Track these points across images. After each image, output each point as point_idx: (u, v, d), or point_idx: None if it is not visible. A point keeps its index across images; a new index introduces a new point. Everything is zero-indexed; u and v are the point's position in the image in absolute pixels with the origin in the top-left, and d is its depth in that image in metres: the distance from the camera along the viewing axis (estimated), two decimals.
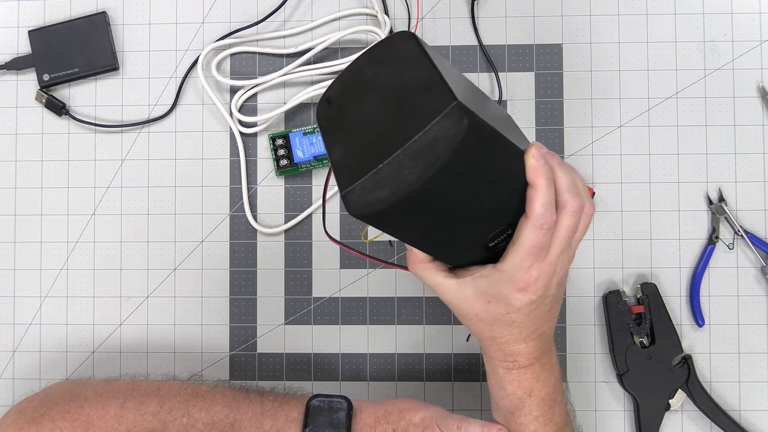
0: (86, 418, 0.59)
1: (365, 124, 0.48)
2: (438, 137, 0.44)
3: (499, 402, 0.57)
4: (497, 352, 0.55)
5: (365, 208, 0.46)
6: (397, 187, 0.45)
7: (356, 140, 0.48)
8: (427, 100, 0.45)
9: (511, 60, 0.73)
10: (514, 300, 0.51)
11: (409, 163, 0.45)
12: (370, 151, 0.46)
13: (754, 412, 0.71)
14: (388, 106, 0.47)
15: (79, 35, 0.73)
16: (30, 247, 0.74)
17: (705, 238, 0.72)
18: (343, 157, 0.48)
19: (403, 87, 0.47)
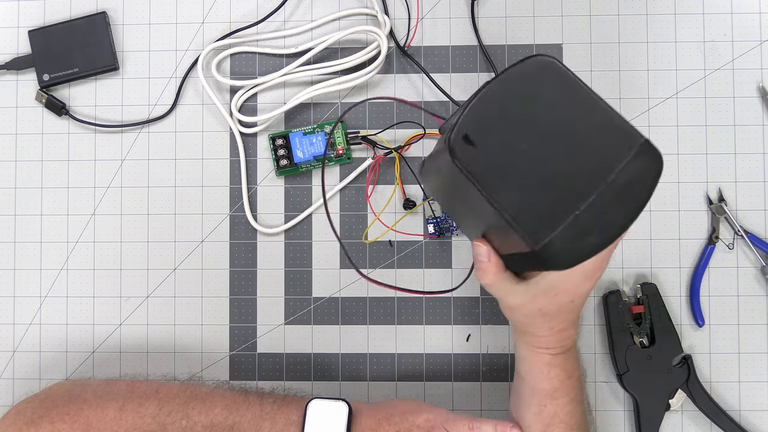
0: (85, 420, 0.59)
1: (534, 166, 0.45)
2: (636, 175, 0.44)
3: (538, 385, 0.59)
4: (550, 340, 0.58)
5: (570, 259, 0.45)
6: (607, 231, 0.45)
7: (529, 186, 0.45)
8: (607, 136, 0.44)
9: (511, 60, 0.73)
10: (581, 288, 0.54)
11: (613, 206, 0.44)
12: (556, 197, 0.44)
13: (754, 412, 0.71)
14: (555, 145, 0.45)
15: (79, 35, 0.73)
16: (30, 247, 0.74)
17: (705, 238, 0.72)
18: (519, 208, 0.45)
19: (567, 122, 0.45)
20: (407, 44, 0.72)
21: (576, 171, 0.44)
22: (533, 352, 0.59)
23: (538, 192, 0.45)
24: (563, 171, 0.45)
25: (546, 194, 0.45)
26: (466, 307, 0.72)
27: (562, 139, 0.45)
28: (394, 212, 0.73)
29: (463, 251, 0.72)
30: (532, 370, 0.59)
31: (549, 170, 0.45)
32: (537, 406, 0.59)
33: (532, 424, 0.60)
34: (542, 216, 0.44)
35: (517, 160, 0.45)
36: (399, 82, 0.73)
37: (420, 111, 0.73)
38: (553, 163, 0.45)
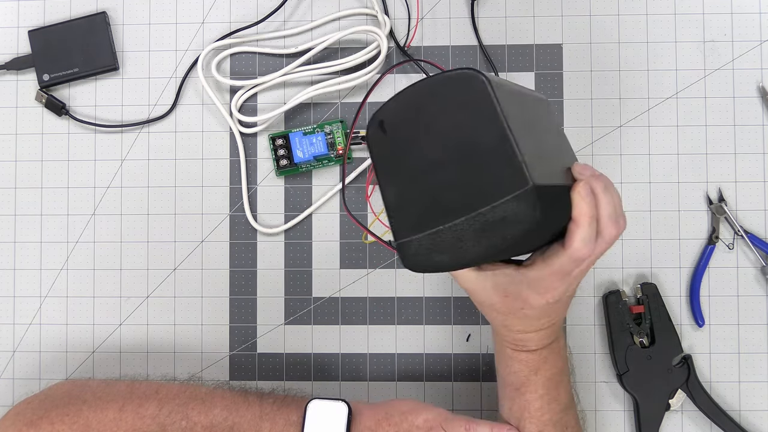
0: (85, 421, 0.59)
1: (425, 170, 0.47)
2: (508, 218, 0.44)
3: (506, 378, 0.60)
4: (508, 337, 0.58)
5: (420, 266, 0.47)
6: (458, 257, 0.46)
7: (415, 186, 0.47)
8: (498, 168, 0.44)
9: (511, 60, 0.73)
10: (532, 300, 0.53)
11: (473, 236, 0.45)
12: (431, 205, 0.46)
13: (754, 412, 0.71)
14: (451, 157, 0.46)
15: (79, 35, 0.73)
16: (30, 247, 0.74)
17: (705, 238, 0.72)
18: (398, 201, 0.47)
19: (470, 141, 0.46)
20: (407, 44, 0.72)
21: (458, 190, 0.45)
22: (500, 345, 0.60)
23: (419, 195, 0.47)
24: (447, 186, 0.46)
25: (424, 200, 0.46)
26: (466, 307, 0.72)
27: (459, 156, 0.46)
28: None
29: None
30: (499, 360, 0.61)
31: (436, 180, 0.46)
32: (508, 399, 0.60)
33: (508, 418, 0.61)
34: (411, 217, 0.47)
35: (413, 161, 0.47)
36: (399, 82, 0.73)
37: None
38: (442, 175, 0.46)
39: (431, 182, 0.47)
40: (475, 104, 0.46)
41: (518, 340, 0.57)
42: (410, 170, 0.47)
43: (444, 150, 0.47)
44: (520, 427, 0.60)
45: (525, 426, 0.59)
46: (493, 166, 0.45)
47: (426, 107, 0.48)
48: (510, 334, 0.57)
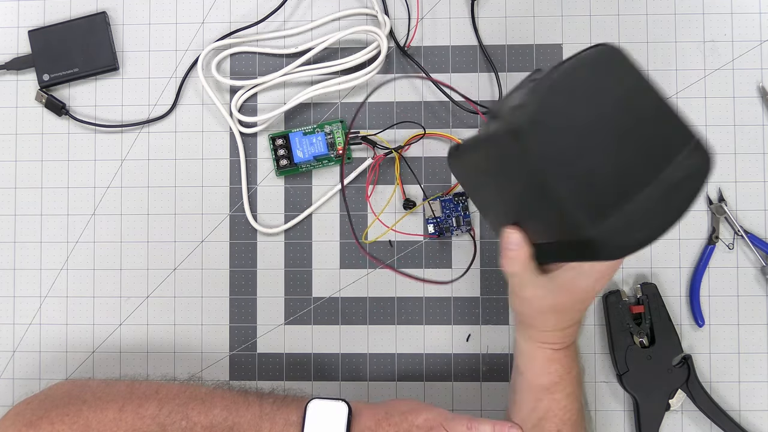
0: (85, 422, 0.59)
1: (592, 154, 0.45)
2: (687, 174, 0.45)
3: (536, 380, 0.59)
4: (554, 336, 0.58)
5: (624, 249, 0.45)
6: (656, 225, 0.45)
7: (586, 174, 0.45)
8: (663, 130, 0.45)
9: (511, 60, 0.73)
10: (594, 288, 0.55)
11: (661, 203, 0.45)
12: (609, 187, 0.45)
13: (754, 412, 0.71)
14: (613, 134, 0.45)
15: (79, 35, 0.73)
16: (30, 247, 0.74)
17: (705, 238, 0.72)
18: (576, 192, 0.45)
19: (628, 112, 0.46)
20: (407, 44, 0.72)
21: (631, 164, 0.45)
22: (535, 347, 0.59)
23: (595, 181, 0.45)
24: (619, 162, 0.45)
25: (602, 184, 0.45)
26: (466, 307, 0.72)
27: (622, 131, 0.46)
28: (394, 212, 0.73)
29: (463, 251, 0.72)
30: (532, 365, 0.60)
31: (606, 160, 0.45)
32: (533, 400, 0.60)
33: (527, 418, 0.60)
34: (596, 205, 0.45)
35: (577, 148, 0.45)
36: (399, 82, 0.73)
37: (420, 110, 0.73)
38: (611, 154, 0.45)
39: (603, 165, 0.45)
40: (623, 78, 0.46)
41: (563, 336, 0.58)
42: (577, 160, 0.45)
43: (605, 131, 0.46)
44: (539, 427, 0.60)
45: (544, 426, 0.59)
46: (657, 131, 0.45)
47: (574, 92, 0.46)
48: (556, 334, 0.58)
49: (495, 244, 0.72)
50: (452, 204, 0.72)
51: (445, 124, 0.73)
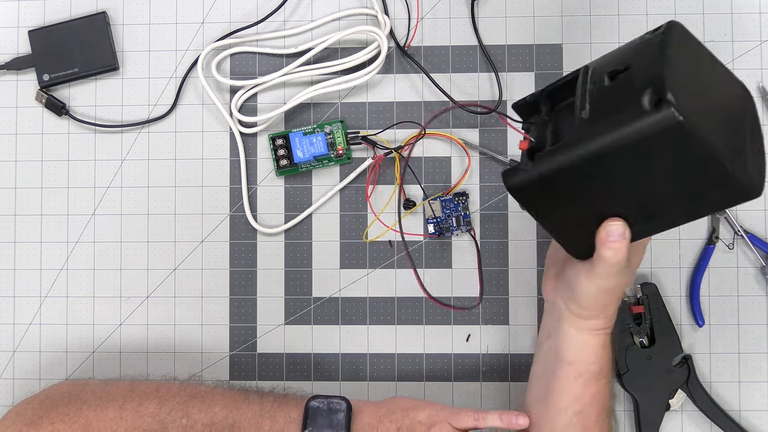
0: (85, 421, 0.59)
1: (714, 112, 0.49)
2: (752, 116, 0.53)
3: (587, 368, 0.59)
4: (612, 319, 0.60)
5: (759, 188, 0.49)
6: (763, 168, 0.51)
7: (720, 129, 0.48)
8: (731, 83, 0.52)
9: (511, 60, 0.73)
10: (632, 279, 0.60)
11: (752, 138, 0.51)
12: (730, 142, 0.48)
13: (754, 412, 0.71)
14: (712, 93, 0.50)
15: (79, 35, 0.73)
16: (30, 247, 0.74)
17: (705, 238, 0.72)
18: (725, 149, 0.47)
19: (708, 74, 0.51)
20: (407, 44, 0.72)
21: (727, 110, 0.50)
22: (593, 335, 0.59)
23: (722, 130, 0.48)
24: (721, 109, 0.50)
25: (724, 131, 0.48)
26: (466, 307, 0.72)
27: (714, 88, 0.50)
28: (394, 212, 0.73)
29: (464, 251, 0.72)
30: (584, 353, 0.60)
31: (716, 110, 0.49)
32: (581, 387, 0.59)
33: (570, 405, 0.60)
34: (735, 150, 0.48)
35: (708, 112, 0.48)
36: (399, 82, 0.73)
37: (420, 110, 0.73)
38: (715, 105, 0.50)
39: (722, 128, 0.48)
40: (696, 45, 0.51)
41: (613, 320, 0.60)
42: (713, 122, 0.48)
43: (710, 90, 0.50)
44: (584, 413, 0.60)
45: (589, 412, 0.60)
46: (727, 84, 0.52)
47: (682, 64, 0.48)
48: (614, 317, 0.60)
49: (495, 244, 0.72)
50: (452, 204, 0.72)
51: (445, 124, 0.73)
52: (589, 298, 0.57)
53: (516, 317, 0.72)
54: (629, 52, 0.50)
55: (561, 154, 0.50)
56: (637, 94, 0.46)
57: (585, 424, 0.60)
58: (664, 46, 0.47)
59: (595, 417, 0.60)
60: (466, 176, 0.72)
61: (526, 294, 0.72)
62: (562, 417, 0.60)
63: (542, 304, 0.72)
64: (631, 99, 0.46)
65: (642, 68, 0.48)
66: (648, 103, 0.46)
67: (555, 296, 0.61)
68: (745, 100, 0.53)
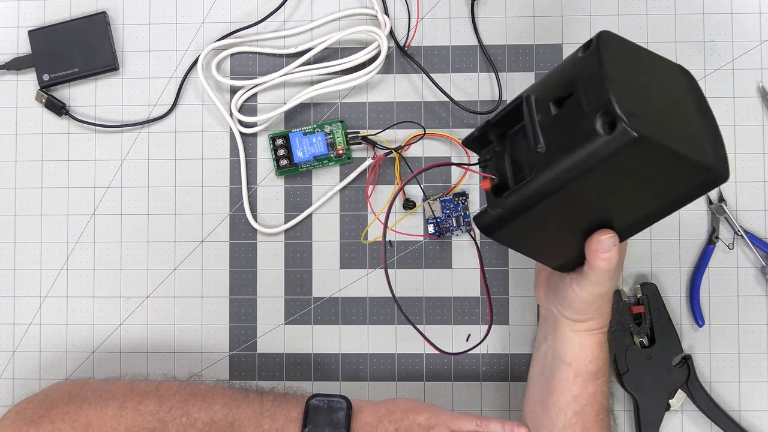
0: (85, 419, 0.59)
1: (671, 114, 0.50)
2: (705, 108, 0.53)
3: (585, 368, 0.60)
4: (608, 318, 0.60)
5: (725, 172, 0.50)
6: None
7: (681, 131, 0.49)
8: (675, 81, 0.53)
9: (511, 60, 0.73)
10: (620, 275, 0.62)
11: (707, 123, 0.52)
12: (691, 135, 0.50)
13: (754, 412, 0.71)
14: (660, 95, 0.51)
15: (79, 35, 0.73)
16: (30, 247, 0.74)
17: (705, 238, 0.72)
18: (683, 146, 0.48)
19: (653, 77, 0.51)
20: (407, 44, 0.72)
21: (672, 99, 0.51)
22: (589, 335, 0.60)
23: (676, 125, 0.49)
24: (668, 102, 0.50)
25: (678, 125, 0.50)
26: (466, 307, 0.72)
27: (656, 82, 0.51)
28: (395, 212, 0.73)
29: (464, 251, 0.72)
30: (582, 353, 0.60)
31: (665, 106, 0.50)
32: (579, 387, 0.60)
33: (568, 404, 0.60)
34: (694, 138, 0.49)
35: (658, 111, 0.49)
36: (399, 82, 0.73)
37: (420, 110, 0.73)
38: (662, 101, 0.50)
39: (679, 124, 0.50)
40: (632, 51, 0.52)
41: (607, 319, 0.60)
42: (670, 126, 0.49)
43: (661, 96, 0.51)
44: (582, 413, 0.60)
45: (587, 411, 0.60)
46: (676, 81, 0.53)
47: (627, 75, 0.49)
48: (605, 317, 0.60)
49: (495, 244, 0.72)
50: (452, 204, 0.72)
51: (445, 124, 0.73)
52: (583, 303, 0.58)
53: (516, 317, 0.72)
54: (567, 75, 0.50)
55: (527, 190, 0.50)
56: (588, 118, 0.47)
57: (584, 425, 0.60)
58: (602, 63, 0.47)
59: (594, 416, 0.60)
60: (466, 176, 0.72)
61: (526, 294, 0.72)
62: (561, 417, 0.60)
63: None
64: (584, 124, 0.47)
65: (586, 91, 0.48)
66: (601, 127, 0.46)
67: (548, 303, 0.62)
68: (686, 81, 0.53)
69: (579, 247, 0.54)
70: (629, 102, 0.46)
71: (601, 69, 0.47)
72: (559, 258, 0.57)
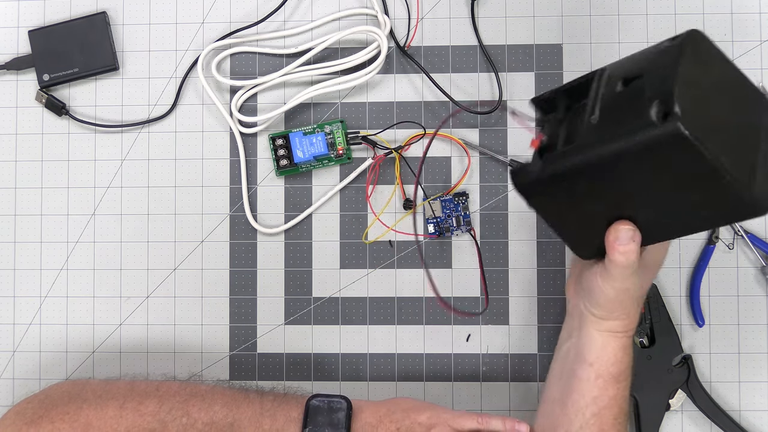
0: (85, 419, 0.59)
1: (724, 122, 0.49)
2: None
3: (606, 370, 0.59)
4: (633, 321, 0.60)
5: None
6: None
7: (728, 141, 0.48)
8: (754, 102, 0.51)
9: (511, 60, 0.73)
10: (661, 263, 0.62)
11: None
12: (740, 151, 0.48)
13: (754, 412, 0.71)
14: (722, 102, 0.49)
15: (79, 35, 0.73)
16: (30, 247, 0.74)
17: (705, 238, 0.72)
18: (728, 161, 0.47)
19: (726, 83, 0.50)
20: (407, 44, 0.72)
21: (746, 132, 0.49)
22: (613, 337, 0.59)
23: (735, 150, 0.48)
24: (740, 133, 0.49)
25: (738, 151, 0.48)
26: (466, 307, 0.72)
27: (731, 100, 0.50)
28: (394, 212, 0.73)
29: (464, 251, 0.72)
30: (605, 354, 0.59)
31: (730, 123, 0.49)
32: (599, 390, 0.59)
33: (587, 406, 0.60)
34: (743, 169, 0.47)
35: (719, 126, 0.48)
36: (399, 82, 0.73)
37: (420, 110, 0.73)
38: (730, 118, 0.49)
39: (732, 128, 0.49)
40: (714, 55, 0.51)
41: (634, 323, 0.60)
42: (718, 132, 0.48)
43: (720, 98, 0.49)
44: (600, 416, 0.59)
45: (605, 414, 0.59)
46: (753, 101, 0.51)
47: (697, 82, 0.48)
48: (635, 318, 0.60)
49: (495, 244, 0.72)
50: (452, 204, 0.72)
51: (445, 124, 0.73)
52: (606, 299, 0.57)
53: (516, 317, 0.72)
54: (645, 59, 0.50)
55: (570, 156, 0.50)
56: (646, 103, 0.46)
57: (602, 427, 0.59)
58: (679, 57, 0.47)
59: (613, 420, 0.60)
60: (466, 176, 0.72)
61: (526, 294, 0.72)
62: (579, 417, 0.60)
63: (542, 304, 0.72)
64: (640, 107, 0.47)
65: (655, 78, 0.48)
66: (655, 114, 0.46)
67: (576, 298, 0.61)
68: (764, 112, 0.52)
69: (603, 235, 0.54)
70: (691, 102, 0.46)
71: (676, 61, 0.47)
72: (582, 242, 0.57)
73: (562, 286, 0.72)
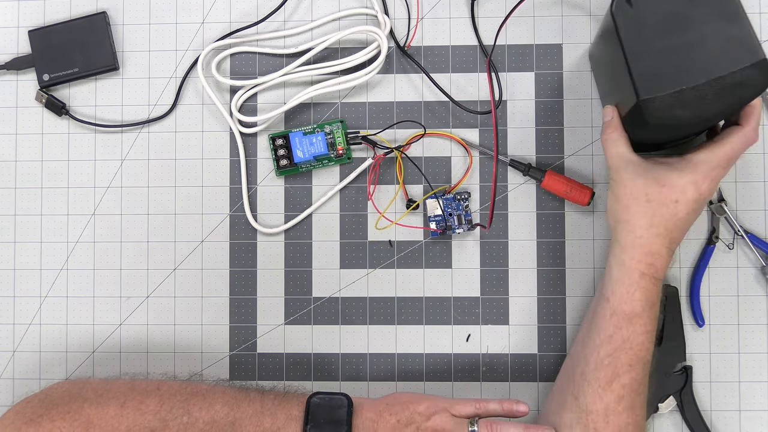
0: (86, 419, 0.59)
1: (668, 40, 0.56)
2: (743, 82, 0.55)
3: (620, 306, 0.61)
4: (643, 243, 0.61)
5: (662, 119, 0.56)
6: (699, 113, 0.56)
7: (658, 53, 0.56)
8: (735, 42, 0.56)
9: (511, 60, 0.73)
10: (688, 190, 0.60)
11: (713, 96, 0.56)
12: (674, 70, 0.56)
13: (754, 412, 0.71)
14: (691, 32, 0.56)
15: (79, 35, 0.73)
16: (30, 247, 0.74)
17: (705, 238, 0.72)
18: (643, 65, 0.56)
19: (708, 19, 0.56)
20: (407, 44, 0.73)
21: (698, 59, 0.56)
22: (624, 270, 0.61)
23: (663, 61, 0.56)
24: (688, 55, 0.56)
25: (668, 65, 0.56)
26: (466, 307, 0.72)
27: (699, 31, 0.56)
28: (395, 212, 0.73)
29: (464, 251, 0.72)
30: (618, 289, 0.61)
31: (678, 49, 0.56)
32: (613, 327, 0.61)
33: (602, 344, 0.61)
34: (657, 78, 0.56)
35: (657, 33, 0.56)
36: (399, 82, 0.73)
37: (420, 110, 0.73)
38: (683, 46, 0.56)
39: (674, 51, 0.56)
40: None
41: (649, 255, 0.60)
42: (651, 39, 0.57)
43: (686, 27, 0.56)
44: (614, 356, 0.60)
45: (619, 356, 0.60)
46: (731, 40, 0.56)
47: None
48: (647, 241, 0.60)
49: (495, 244, 0.72)
50: (454, 203, 0.72)
51: (445, 124, 0.73)
52: (612, 212, 0.62)
53: (516, 317, 0.72)
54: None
55: None
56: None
57: (615, 370, 0.60)
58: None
59: (627, 365, 0.60)
60: (467, 176, 0.72)
61: (526, 294, 0.72)
62: (594, 355, 0.61)
63: (542, 304, 0.72)
64: None
65: None
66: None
67: (609, 218, 0.64)
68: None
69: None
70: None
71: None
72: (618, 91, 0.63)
73: (562, 286, 0.72)
